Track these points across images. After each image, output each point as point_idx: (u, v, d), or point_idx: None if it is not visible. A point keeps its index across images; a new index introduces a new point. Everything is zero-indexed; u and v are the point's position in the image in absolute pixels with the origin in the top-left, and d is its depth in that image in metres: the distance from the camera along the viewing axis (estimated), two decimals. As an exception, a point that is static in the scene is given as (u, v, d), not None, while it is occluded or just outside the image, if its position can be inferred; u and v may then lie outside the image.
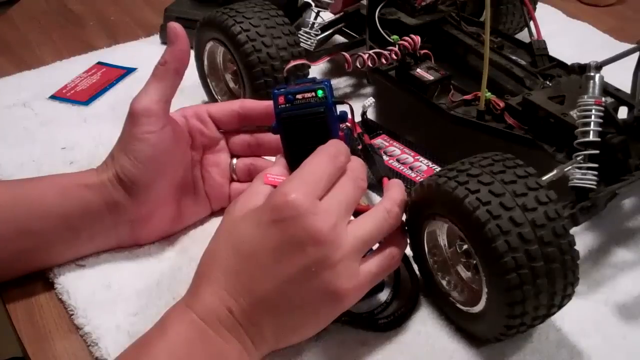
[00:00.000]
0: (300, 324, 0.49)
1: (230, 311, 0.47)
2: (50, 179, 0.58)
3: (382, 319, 0.52)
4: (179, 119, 0.59)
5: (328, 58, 0.69)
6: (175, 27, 0.57)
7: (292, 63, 0.64)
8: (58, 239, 0.56)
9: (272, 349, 0.49)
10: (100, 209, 0.55)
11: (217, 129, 0.61)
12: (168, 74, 0.56)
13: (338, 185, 0.49)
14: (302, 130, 0.53)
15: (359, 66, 0.67)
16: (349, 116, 0.56)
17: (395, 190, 0.52)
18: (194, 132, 0.60)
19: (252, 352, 0.48)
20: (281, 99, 0.53)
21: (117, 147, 0.56)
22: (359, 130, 0.58)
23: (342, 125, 0.56)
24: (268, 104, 0.58)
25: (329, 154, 0.50)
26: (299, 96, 0.53)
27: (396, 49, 0.66)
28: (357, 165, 0.51)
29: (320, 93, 0.52)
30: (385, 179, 0.54)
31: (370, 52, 0.67)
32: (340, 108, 0.55)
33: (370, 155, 0.57)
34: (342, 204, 0.48)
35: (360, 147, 0.58)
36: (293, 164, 0.52)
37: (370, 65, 0.67)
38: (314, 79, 0.54)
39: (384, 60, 0.67)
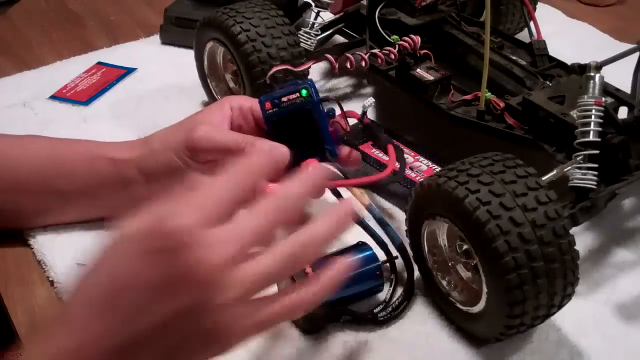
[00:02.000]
0: None
1: (78, 354, 0.37)
2: (85, 145, 0.61)
3: (382, 316, 0.52)
4: (226, 119, 0.58)
5: (313, 63, 0.68)
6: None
7: (274, 69, 0.64)
8: (75, 201, 0.59)
9: None
10: (117, 184, 0.58)
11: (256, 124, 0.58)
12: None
13: (244, 213, 0.39)
14: (292, 130, 0.53)
15: (348, 67, 0.67)
16: (337, 112, 0.56)
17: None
18: (235, 127, 0.59)
19: None
20: (268, 105, 0.54)
21: (163, 140, 0.58)
22: (347, 128, 0.57)
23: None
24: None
25: (239, 172, 0.40)
26: (284, 99, 0.54)
27: (395, 50, 0.66)
28: (293, 189, 0.40)
29: (304, 92, 0.53)
30: (389, 146, 0.55)
31: (364, 54, 0.67)
32: (329, 105, 0.55)
33: (373, 131, 0.59)
34: (243, 236, 0.38)
35: (361, 126, 0.59)
36: (293, 166, 0.52)
37: (363, 65, 0.67)
38: (296, 82, 0.55)
39: (379, 61, 0.67)
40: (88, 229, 0.61)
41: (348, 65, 0.67)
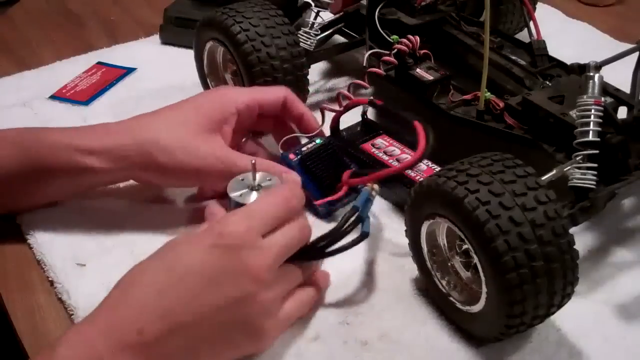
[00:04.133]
0: (215, 356, 0.47)
1: (140, 332, 0.43)
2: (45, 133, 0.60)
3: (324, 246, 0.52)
4: (230, 120, 0.60)
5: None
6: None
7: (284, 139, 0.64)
8: (61, 174, 0.58)
9: None
10: (73, 172, 0.58)
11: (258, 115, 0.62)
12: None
13: (284, 228, 0.49)
14: (320, 162, 0.61)
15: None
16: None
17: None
18: (239, 126, 0.61)
19: None
20: (292, 156, 0.62)
21: (158, 137, 0.57)
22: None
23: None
24: (305, 110, 0.63)
25: (282, 196, 0.50)
26: (304, 148, 0.62)
27: (392, 58, 0.66)
28: (305, 219, 0.52)
29: (319, 141, 0.63)
30: (416, 122, 0.57)
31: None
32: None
33: (390, 113, 0.62)
34: (282, 247, 0.48)
35: (379, 103, 0.62)
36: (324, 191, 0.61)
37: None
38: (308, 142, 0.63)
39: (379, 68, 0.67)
40: (88, 229, 0.61)
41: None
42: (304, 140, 0.64)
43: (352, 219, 0.52)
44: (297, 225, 0.50)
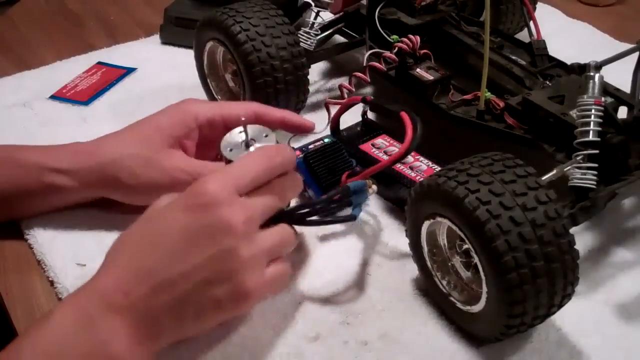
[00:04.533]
0: (200, 315, 0.47)
1: (126, 294, 0.45)
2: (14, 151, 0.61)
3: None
4: (192, 134, 0.60)
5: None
6: None
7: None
8: (32, 192, 0.59)
9: (167, 341, 0.48)
10: (44, 191, 0.59)
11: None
12: None
13: (265, 187, 0.49)
14: (325, 161, 0.61)
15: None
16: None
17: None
18: (204, 140, 0.61)
19: (145, 343, 0.46)
20: (297, 152, 0.62)
21: (122, 164, 0.58)
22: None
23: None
24: (282, 113, 0.61)
25: (265, 154, 0.50)
26: (310, 146, 0.63)
27: (393, 55, 0.66)
28: (294, 179, 0.52)
29: (327, 140, 0.63)
30: (402, 113, 0.55)
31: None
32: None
33: (380, 108, 0.60)
34: (258, 208, 0.49)
35: (369, 100, 0.61)
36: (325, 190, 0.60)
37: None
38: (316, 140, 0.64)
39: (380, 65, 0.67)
40: (88, 229, 0.61)
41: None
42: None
43: (341, 195, 0.52)
44: (279, 183, 0.50)
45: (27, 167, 0.59)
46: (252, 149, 0.53)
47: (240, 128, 0.54)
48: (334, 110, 0.64)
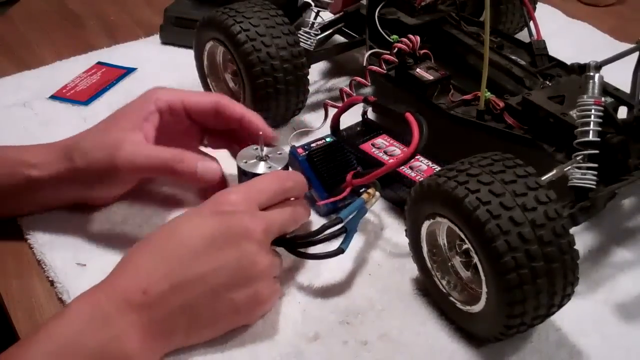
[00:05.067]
0: (215, 319, 0.49)
1: (145, 292, 0.46)
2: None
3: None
4: (151, 128, 0.59)
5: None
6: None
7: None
8: (10, 187, 0.59)
9: (179, 343, 0.49)
10: (23, 187, 0.59)
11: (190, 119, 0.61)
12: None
13: (279, 207, 0.53)
14: (326, 160, 0.62)
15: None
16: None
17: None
18: (165, 126, 0.60)
19: (158, 342, 0.47)
20: (300, 150, 0.62)
21: (87, 159, 0.57)
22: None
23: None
24: (244, 111, 0.61)
25: (279, 176, 0.55)
26: (313, 144, 0.63)
27: (392, 57, 0.66)
28: (304, 205, 0.56)
29: (329, 139, 0.63)
30: (408, 114, 0.55)
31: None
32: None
33: (383, 108, 0.61)
34: (277, 221, 0.52)
35: (372, 100, 0.61)
36: (329, 190, 0.61)
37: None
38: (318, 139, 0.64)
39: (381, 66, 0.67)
40: (88, 229, 0.61)
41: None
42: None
43: (334, 229, 0.53)
44: (293, 207, 0.54)
45: (6, 164, 0.59)
46: (262, 164, 0.58)
47: (256, 145, 0.58)
48: (332, 112, 0.65)
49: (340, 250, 0.53)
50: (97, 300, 0.46)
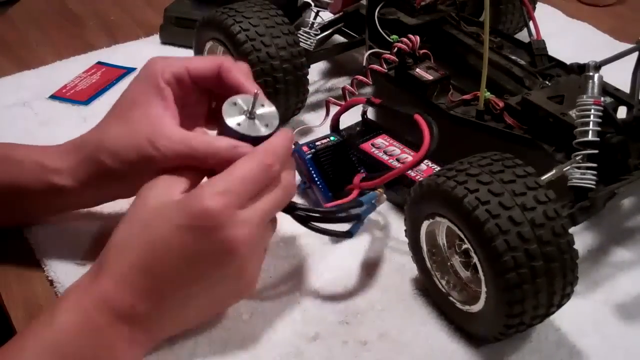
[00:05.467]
0: (203, 313, 0.50)
1: (132, 307, 0.45)
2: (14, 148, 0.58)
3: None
4: (171, 106, 0.52)
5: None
6: None
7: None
8: (32, 193, 0.55)
9: (167, 336, 0.50)
10: (46, 192, 0.55)
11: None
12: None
13: (267, 195, 0.48)
14: (333, 160, 0.61)
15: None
16: None
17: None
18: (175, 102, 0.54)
19: (146, 344, 0.48)
20: (305, 148, 0.61)
21: (110, 150, 0.52)
22: None
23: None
24: (241, 80, 0.53)
25: (264, 163, 0.47)
26: (318, 143, 0.62)
27: (393, 56, 0.66)
28: (291, 175, 0.51)
29: (333, 138, 0.63)
30: (417, 116, 0.55)
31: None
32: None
33: (389, 109, 0.61)
34: (265, 214, 0.47)
35: (377, 102, 0.61)
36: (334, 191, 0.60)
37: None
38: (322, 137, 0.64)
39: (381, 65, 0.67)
40: (88, 229, 0.61)
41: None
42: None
43: (352, 211, 0.53)
44: (281, 186, 0.49)
45: (25, 166, 0.55)
46: (258, 124, 0.50)
47: (235, 98, 0.51)
48: (333, 110, 0.65)
49: (348, 234, 0.53)
50: (86, 309, 0.45)
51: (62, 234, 0.61)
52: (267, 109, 0.51)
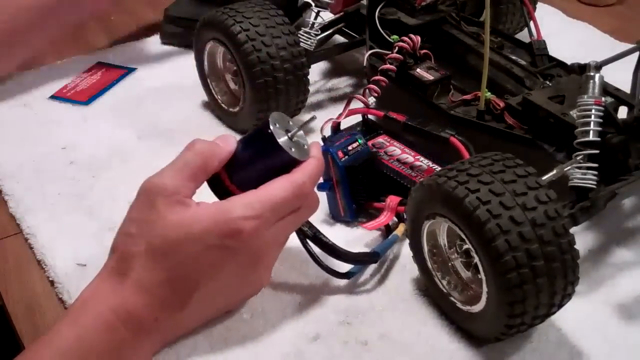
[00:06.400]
0: (218, 312, 0.52)
1: (156, 320, 0.47)
2: None
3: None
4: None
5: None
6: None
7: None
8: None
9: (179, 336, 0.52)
10: None
11: None
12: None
13: (294, 216, 0.49)
14: (366, 177, 0.60)
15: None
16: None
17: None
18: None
19: (158, 345, 0.50)
20: (340, 154, 0.59)
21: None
22: None
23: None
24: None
25: (303, 192, 0.48)
26: (349, 147, 0.60)
27: (395, 54, 0.66)
28: (316, 194, 0.51)
29: (360, 141, 0.60)
30: (453, 139, 0.57)
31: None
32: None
33: (416, 130, 0.62)
34: (289, 231, 0.51)
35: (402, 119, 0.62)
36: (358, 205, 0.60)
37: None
38: (342, 134, 0.62)
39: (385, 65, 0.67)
40: (88, 229, 0.61)
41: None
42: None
43: (367, 257, 0.56)
44: (307, 208, 0.51)
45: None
46: (290, 144, 0.49)
47: (273, 116, 0.49)
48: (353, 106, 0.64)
49: (347, 275, 0.55)
50: (111, 323, 0.46)
51: (62, 234, 0.61)
52: (305, 146, 0.50)
